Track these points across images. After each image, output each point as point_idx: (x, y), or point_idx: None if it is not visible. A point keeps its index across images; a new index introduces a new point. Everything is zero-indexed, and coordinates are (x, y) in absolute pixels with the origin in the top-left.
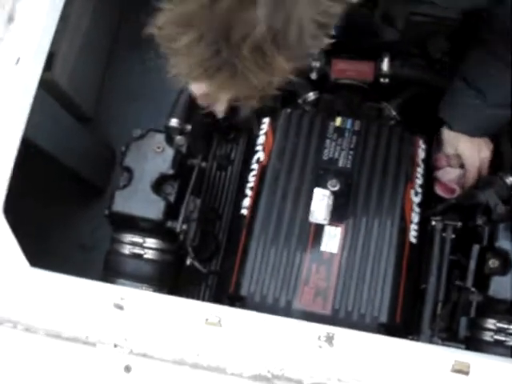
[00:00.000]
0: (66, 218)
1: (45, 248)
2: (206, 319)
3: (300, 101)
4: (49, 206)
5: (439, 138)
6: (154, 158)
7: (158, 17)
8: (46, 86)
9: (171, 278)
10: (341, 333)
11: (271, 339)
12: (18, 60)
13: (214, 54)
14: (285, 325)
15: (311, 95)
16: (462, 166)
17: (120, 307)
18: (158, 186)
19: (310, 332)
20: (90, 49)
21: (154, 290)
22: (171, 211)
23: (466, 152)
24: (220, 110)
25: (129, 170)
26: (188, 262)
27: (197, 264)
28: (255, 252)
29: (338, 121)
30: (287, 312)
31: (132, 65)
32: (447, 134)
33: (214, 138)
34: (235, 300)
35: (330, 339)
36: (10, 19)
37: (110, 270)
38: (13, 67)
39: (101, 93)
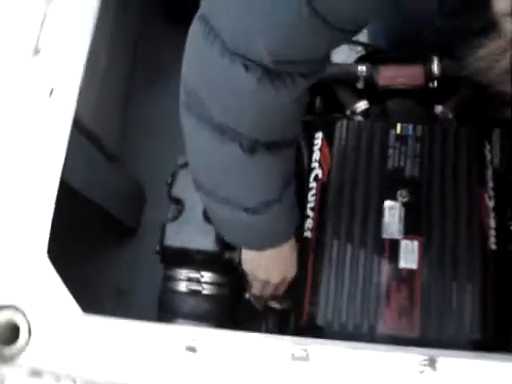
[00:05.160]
0: (99, 261)
1: (79, 294)
2: (292, 354)
3: (348, 112)
4: (82, 249)
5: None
6: None
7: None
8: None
9: (231, 314)
10: (442, 355)
11: (368, 370)
12: (51, 92)
13: None
14: (380, 352)
15: (361, 105)
16: None
17: (193, 349)
18: None
19: (409, 357)
20: (109, 83)
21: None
22: None
23: None
24: None
25: (178, 201)
26: (247, 295)
27: None
28: (328, 277)
29: (399, 128)
30: (371, 338)
31: (152, 98)
32: None
33: None
34: (309, 331)
35: (432, 363)
36: (36, 51)
37: (166, 310)
38: (46, 100)
39: (123, 130)
